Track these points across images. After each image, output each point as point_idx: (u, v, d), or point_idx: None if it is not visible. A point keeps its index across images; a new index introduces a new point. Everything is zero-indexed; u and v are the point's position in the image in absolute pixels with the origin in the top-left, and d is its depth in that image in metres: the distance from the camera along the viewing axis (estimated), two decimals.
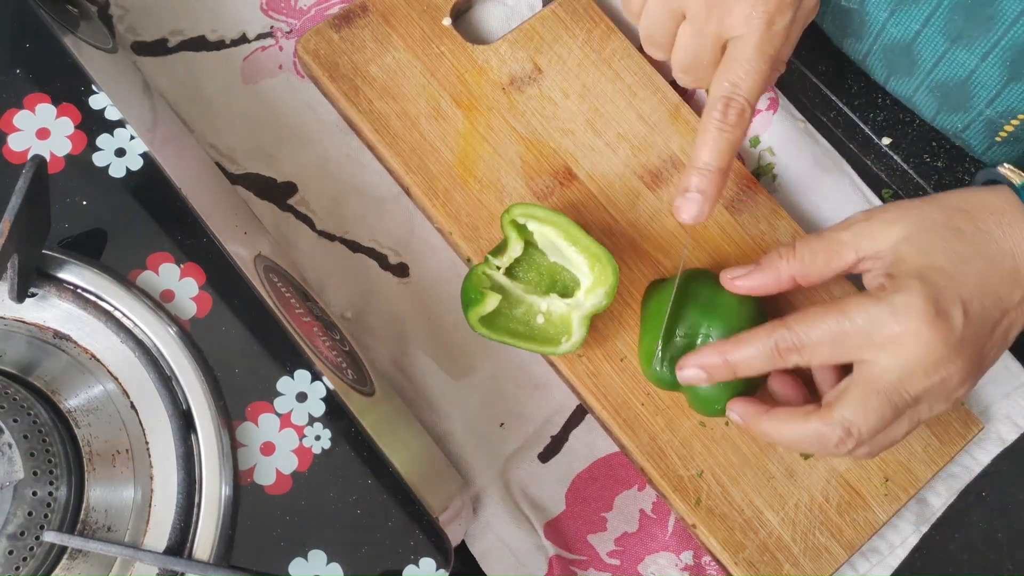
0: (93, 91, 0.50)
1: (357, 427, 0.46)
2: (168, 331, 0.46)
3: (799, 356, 0.48)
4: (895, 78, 0.58)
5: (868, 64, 0.60)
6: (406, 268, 0.60)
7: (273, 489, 0.45)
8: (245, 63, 0.63)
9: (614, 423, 0.56)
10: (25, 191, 0.43)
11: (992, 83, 0.54)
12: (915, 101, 0.59)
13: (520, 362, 0.59)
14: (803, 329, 0.48)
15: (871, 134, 0.63)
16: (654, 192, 0.60)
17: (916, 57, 0.55)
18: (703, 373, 0.51)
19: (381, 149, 0.60)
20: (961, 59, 0.54)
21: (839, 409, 0.47)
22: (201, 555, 0.44)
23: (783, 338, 0.48)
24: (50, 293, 0.47)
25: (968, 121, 0.56)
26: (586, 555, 0.56)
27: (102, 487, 0.44)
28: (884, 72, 0.59)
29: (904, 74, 0.57)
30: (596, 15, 0.63)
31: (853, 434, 0.47)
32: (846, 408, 0.47)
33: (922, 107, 0.59)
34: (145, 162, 0.49)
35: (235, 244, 0.50)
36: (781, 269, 0.51)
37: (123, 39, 0.63)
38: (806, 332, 0.47)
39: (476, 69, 0.61)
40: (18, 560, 0.41)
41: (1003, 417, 0.60)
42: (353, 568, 0.45)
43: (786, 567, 0.54)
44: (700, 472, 0.55)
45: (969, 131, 0.57)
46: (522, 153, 0.60)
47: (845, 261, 0.50)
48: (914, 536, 0.58)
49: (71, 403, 0.45)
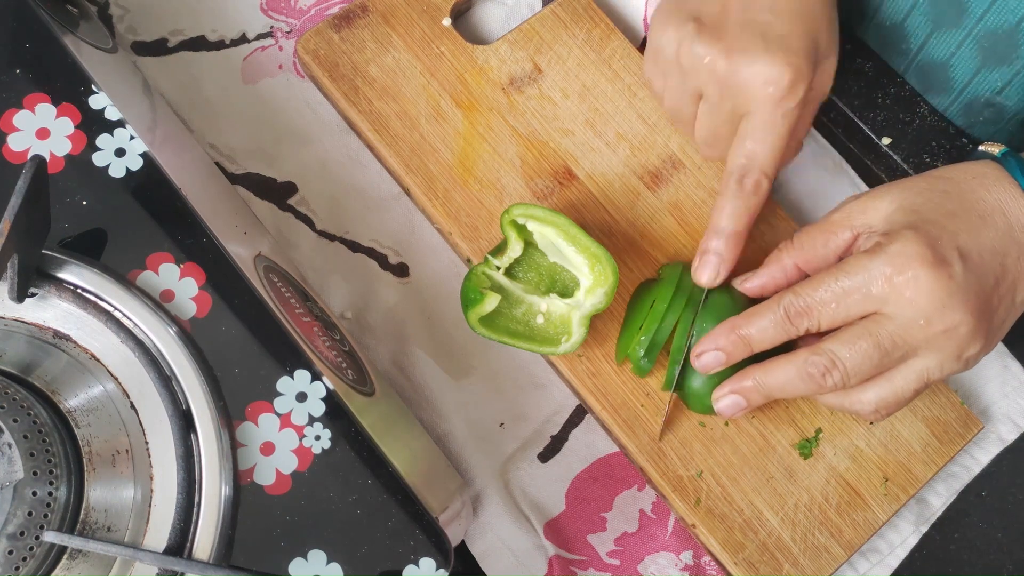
0: (93, 91, 0.50)
1: (357, 427, 0.46)
2: (168, 331, 0.46)
3: (808, 319, 0.49)
4: (938, 34, 0.59)
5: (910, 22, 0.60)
6: (406, 268, 0.60)
7: (273, 489, 0.45)
8: (245, 63, 0.63)
9: (614, 423, 0.56)
10: (25, 191, 0.43)
11: None
12: (953, 62, 0.59)
13: (520, 362, 0.59)
14: (808, 291, 0.49)
15: (871, 134, 0.63)
16: (654, 192, 0.60)
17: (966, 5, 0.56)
18: (721, 355, 0.52)
19: (381, 149, 0.60)
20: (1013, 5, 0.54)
21: (827, 343, 0.49)
22: (201, 555, 0.44)
23: (790, 303, 0.49)
24: (50, 293, 0.47)
25: (1011, 76, 0.57)
26: (586, 555, 0.56)
27: (102, 487, 0.44)
28: (927, 30, 0.59)
29: (951, 25, 0.57)
30: (596, 15, 0.63)
31: (838, 366, 0.48)
32: (834, 342, 0.48)
33: (960, 68, 0.59)
34: (145, 162, 0.49)
35: (235, 244, 0.50)
36: (784, 260, 0.53)
37: (123, 39, 0.63)
38: (811, 294, 0.49)
39: (476, 69, 0.61)
40: (18, 560, 0.41)
41: (1003, 417, 0.60)
42: (353, 568, 0.45)
43: (786, 567, 0.54)
44: (700, 472, 0.55)
45: (1009, 88, 0.58)
46: (522, 153, 0.60)
47: (842, 239, 0.51)
48: (914, 536, 0.58)
49: (71, 403, 0.45)
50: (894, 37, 0.62)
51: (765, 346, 0.51)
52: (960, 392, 0.60)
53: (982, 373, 0.60)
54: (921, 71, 0.62)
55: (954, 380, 0.60)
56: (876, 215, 0.50)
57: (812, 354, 0.49)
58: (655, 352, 0.54)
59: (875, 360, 0.48)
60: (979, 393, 0.60)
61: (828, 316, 0.49)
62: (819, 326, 0.49)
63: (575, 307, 0.54)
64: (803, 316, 0.49)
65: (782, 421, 0.57)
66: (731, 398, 0.52)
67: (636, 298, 0.57)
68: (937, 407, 0.57)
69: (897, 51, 0.62)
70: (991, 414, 0.60)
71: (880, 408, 0.50)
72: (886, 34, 0.62)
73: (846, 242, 0.51)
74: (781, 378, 0.50)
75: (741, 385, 0.52)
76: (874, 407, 0.50)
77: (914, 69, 0.62)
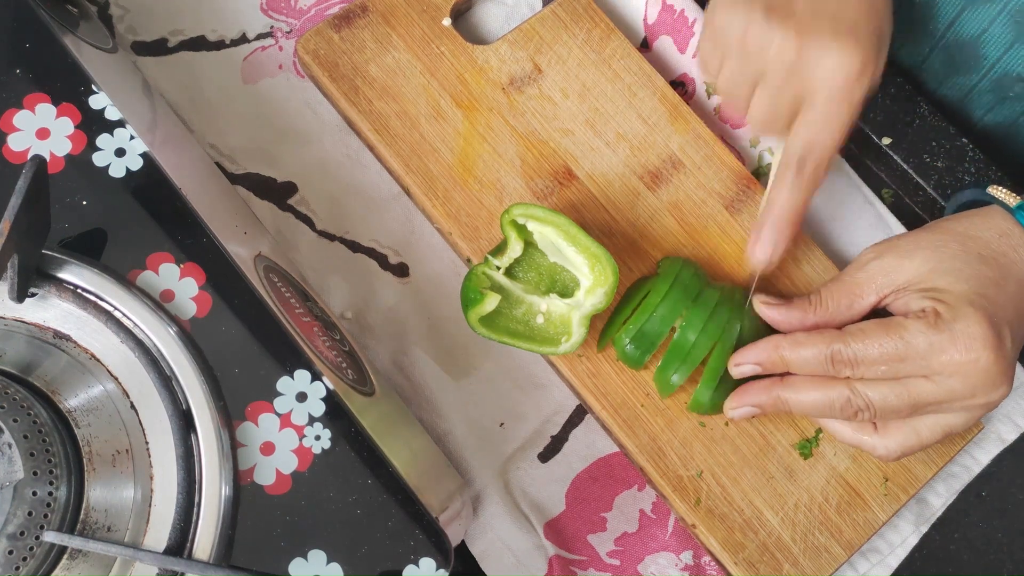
0: (93, 91, 0.50)
1: (357, 427, 0.46)
2: (168, 331, 0.46)
3: (852, 370, 0.49)
4: (971, 9, 0.59)
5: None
6: (406, 268, 0.60)
7: (273, 489, 0.45)
8: (245, 63, 0.63)
9: (614, 423, 0.56)
10: (25, 191, 0.43)
11: None
12: (985, 38, 0.59)
13: (520, 362, 0.59)
14: (861, 347, 0.49)
15: (871, 134, 0.63)
16: (654, 192, 0.60)
17: None
18: (759, 368, 0.52)
19: (381, 149, 0.60)
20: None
21: (866, 390, 0.49)
22: (201, 555, 0.44)
23: (839, 351, 0.49)
24: (50, 293, 0.47)
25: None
26: (586, 555, 0.56)
27: (102, 487, 0.44)
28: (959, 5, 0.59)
29: (984, 1, 0.58)
30: (596, 15, 0.63)
31: (870, 409, 0.49)
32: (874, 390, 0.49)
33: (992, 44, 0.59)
34: (145, 162, 0.49)
35: (235, 244, 0.50)
36: (808, 317, 0.53)
37: (123, 39, 0.63)
38: (863, 350, 0.49)
39: (476, 69, 0.61)
40: (18, 560, 0.41)
41: (1003, 417, 0.60)
42: (353, 568, 0.45)
43: (786, 567, 0.54)
44: (700, 472, 0.55)
45: None
46: (522, 153, 0.60)
47: (866, 303, 0.52)
48: (914, 536, 0.58)
49: (71, 403, 0.45)
50: (923, 15, 0.62)
51: (796, 372, 0.51)
52: None
53: None
54: (948, 50, 0.62)
55: None
56: (904, 275, 0.50)
57: (852, 394, 0.49)
58: (646, 343, 0.54)
59: (906, 414, 0.49)
60: None
61: (873, 374, 0.49)
62: (861, 377, 0.50)
63: (575, 307, 0.54)
64: (848, 366, 0.49)
65: (782, 421, 0.57)
66: (747, 409, 0.53)
67: (631, 290, 0.57)
68: None
69: (925, 31, 0.62)
70: (991, 414, 0.60)
71: (903, 454, 0.51)
72: (915, 14, 0.62)
73: (871, 305, 0.52)
74: (807, 401, 0.51)
75: (759, 400, 0.52)
76: (898, 454, 0.51)
77: (940, 48, 0.62)
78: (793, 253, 0.59)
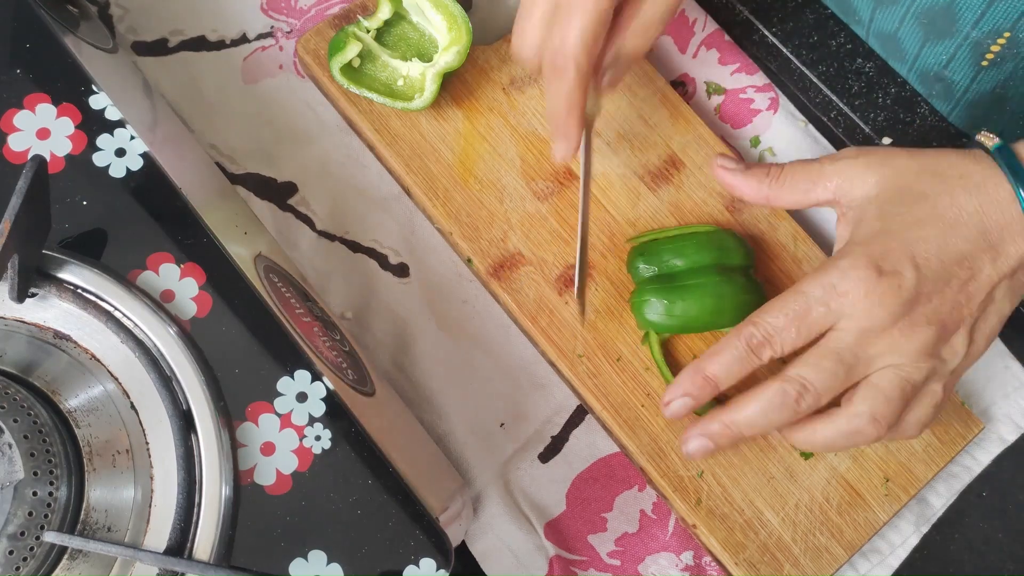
0: (93, 91, 0.50)
1: (357, 427, 0.46)
2: (168, 331, 0.46)
3: (771, 348, 0.49)
4: (881, 9, 0.60)
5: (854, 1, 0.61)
6: (406, 268, 0.60)
7: (273, 489, 0.45)
8: (245, 63, 0.63)
9: (614, 423, 0.56)
10: (25, 191, 0.43)
11: (977, 2, 0.54)
12: (900, 35, 0.60)
13: (521, 362, 0.59)
14: (766, 319, 0.49)
15: (871, 134, 0.63)
16: (654, 192, 0.60)
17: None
18: (689, 400, 0.51)
19: (381, 149, 0.60)
20: None
21: (793, 368, 0.48)
22: (201, 555, 0.44)
23: (751, 335, 0.49)
24: (50, 293, 0.47)
25: (953, 49, 0.57)
26: (586, 555, 0.56)
27: (102, 487, 0.44)
28: (871, 5, 0.60)
29: (891, 2, 0.58)
30: None
31: (809, 389, 0.48)
32: (800, 367, 0.48)
33: (907, 41, 0.60)
34: (145, 162, 0.49)
35: (235, 244, 0.50)
36: (763, 185, 0.54)
37: (123, 39, 0.63)
38: (770, 321, 0.49)
39: (476, 69, 0.61)
40: (18, 560, 0.41)
41: (1003, 417, 0.60)
42: (353, 568, 0.45)
43: (786, 567, 0.54)
44: (700, 472, 0.55)
45: (954, 63, 0.58)
46: (522, 153, 0.60)
47: (823, 195, 0.52)
48: (914, 536, 0.58)
49: (71, 403, 0.45)
50: (847, 7, 0.63)
51: (732, 382, 0.50)
52: (961, 392, 0.60)
53: (983, 373, 0.60)
54: (878, 40, 0.63)
55: None
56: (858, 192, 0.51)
57: (783, 383, 0.48)
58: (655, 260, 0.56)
59: (841, 375, 0.48)
60: (980, 393, 0.60)
61: (789, 341, 0.48)
62: (782, 352, 0.49)
63: (431, 67, 0.57)
64: (765, 346, 0.49)
65: None
66: (699, 441, 0.51)
67: None
68: None
69: (854, 20, 0.64)
70: (992, 414, 0.60)
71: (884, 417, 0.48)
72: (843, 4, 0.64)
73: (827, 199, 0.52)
74: (751, 413, 0.49)
75: (708, 429, 0.51)
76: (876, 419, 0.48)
77: (872, 37, 0.63)
78: (792, 252, 0.59)
